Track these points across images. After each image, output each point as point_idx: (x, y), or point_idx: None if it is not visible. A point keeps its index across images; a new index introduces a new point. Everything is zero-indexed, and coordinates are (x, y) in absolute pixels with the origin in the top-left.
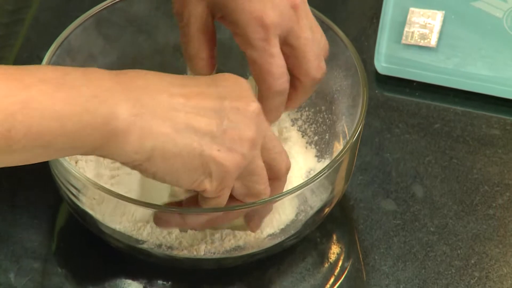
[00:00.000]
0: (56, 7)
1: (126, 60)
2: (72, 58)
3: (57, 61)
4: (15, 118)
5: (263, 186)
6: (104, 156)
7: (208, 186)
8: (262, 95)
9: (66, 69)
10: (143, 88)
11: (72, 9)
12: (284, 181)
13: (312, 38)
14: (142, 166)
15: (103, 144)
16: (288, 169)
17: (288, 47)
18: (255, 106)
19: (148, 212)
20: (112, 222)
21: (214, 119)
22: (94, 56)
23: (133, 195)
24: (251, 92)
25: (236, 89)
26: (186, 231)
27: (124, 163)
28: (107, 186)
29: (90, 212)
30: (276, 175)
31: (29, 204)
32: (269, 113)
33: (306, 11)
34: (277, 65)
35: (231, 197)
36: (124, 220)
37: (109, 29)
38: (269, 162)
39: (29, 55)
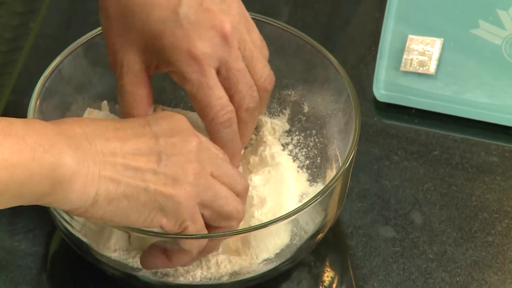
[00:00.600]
0: (55, 34)
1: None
2: (64, 86)
3: (49, 89)
4: None
5: (231, 207)
6: (50, 205)
7: (163, 222)
8: (209, 130)
9: (10, 119)
10: (81, 135)
11: (71, 36)
12: (244, 200)
13: (244, 69)
14: (88, 212)
15: (50, 192)
16: (246, 189)
17: (221, 78)
18: (193, 140)
19: (143, 238)
20: (107, 250)
21: (153, 156)
22: (85, 83)
23: None
24: (188, 126)
25: (172, 125)
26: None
27: (69, 211)
28: None
29: (85, 240)
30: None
31: (28, 232)
32: (226, 146)
33: (241, 40)
34: (217, 97)
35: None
36: (119, 248)
37: (101, 56)
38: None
39: (28, 83)
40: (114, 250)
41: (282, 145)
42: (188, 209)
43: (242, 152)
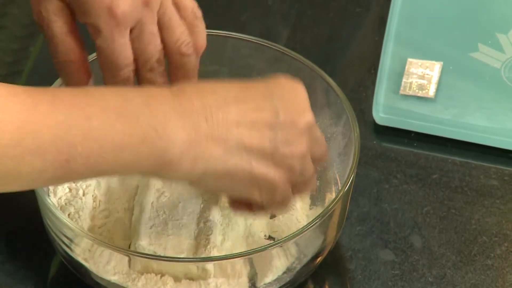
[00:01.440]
0: None
1: None
2: None
3: None
4: (75, 149)
5: (311, 182)
6: (153, 177)
7: (258, 197)
8: (106, 82)
9: (127, 95)
10: (200, 109)
11: None
12: (323, 162)
13: (156, 34)
14: (193, 183)
15: (156, 171)
16: (327, 154)
17: (132, 36)
18: (308, 117)
19: (142, 261)
20: (106, 273)
21: (267, 133)
22: None
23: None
24: (306, 100)
25: (291, 98)
26: (180, 281)
27: (174, 180)
28: (99, 237)
29: (84, 263)
30: (318, 159)
31: (27, 255)
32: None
33: (161, 4)
34: (124, 56)
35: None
36: (119, 271)
37: (99, 80)
38: (313, 156)
39: None
40: (114, 273)
41: None
42: (283, 192)
43: None
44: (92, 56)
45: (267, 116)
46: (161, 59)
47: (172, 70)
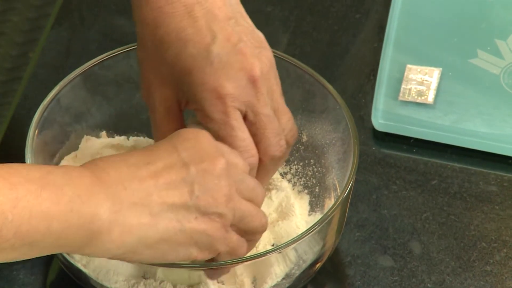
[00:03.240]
0: (54, 64)
1: (117, 117)
2: (62, 115)
3: (48, 118)
4: (6, 217)
5: (256, 222)
6: (87, 255)
7: (198, 254)
8: None
9: (48, 168)
10: (116, 179)
11: (70, 66)
12: (260, 206)
13: (273, 116)
14: (127, 258)
15: (87, 243)
16: (263, 199)
17: (248, 122)
18: (221, 162)
19: (142, 268)
20: (106, 281)
21: (185, 188)
22: (84, 113)
23: None
24: (213, 145)
25: (198, 148)
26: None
27: (108, 258)
28: None
29: (84, 270)
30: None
31: (26, 261)
32: None
33: (269, 88)
34: (240, 138)
35: None
36: (119, 279)
37: (99, 85)
38: (247, 200)
39: (27, 113)
40: (115, 281)
41: (281, 174)
42: (220, 239)
43: None
44: (91, 63)
45: (179, 173)
46: (283, 145)
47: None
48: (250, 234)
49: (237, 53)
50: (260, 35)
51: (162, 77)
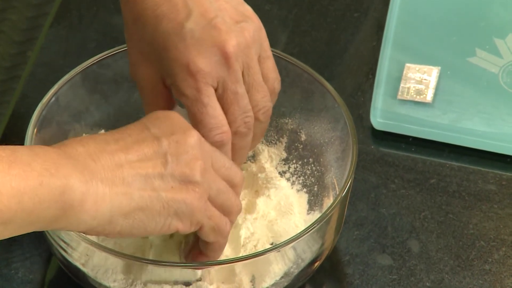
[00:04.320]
0: (52, 63)
1: (116, 116)
2: (61, 114)
3: (46, 117)
4: None
5: (233, 199)
6: (64, 229)
7: (179, 226)
8: None
9: (13, 147)
10: (85, 154)
11: (68, 64)
12: (239, 191)
13: (242, 93)
14: (105, 230)
15: (61, 216)
16: (242, 180)
17: (218, 97)
18: (193, 134)
19: (141, 266)
20: (105, 279)
21: (158, 159)
22: (82, 111)
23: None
24: (184, 122)
25: (168, 124)
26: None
27: (86, 232)
28: (98, 241)
29: (82, 268)
30: (232, 186)
31: (25, 259)
32: None
33: (245, 63)
34: (210, 115)
35: None
36: (117, 277)
37: (98, 84)
38: (224, 178)
39: (26, 111)
40: (114, 280)
41: (279, 173)
42: (201, 209)
43: None
44: (89, 61)
45: (150, 146)
46: (249, 121)
47: None
48: (226, 214)
49: (211, 29)
50: (247, 8)
51: (143, 54)
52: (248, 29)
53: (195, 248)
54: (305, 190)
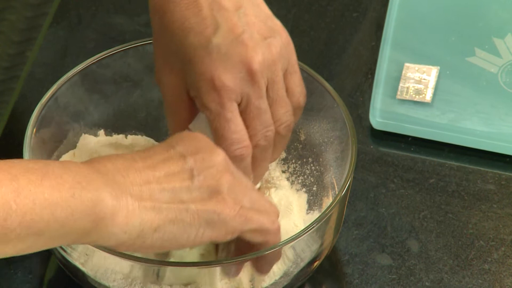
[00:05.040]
0: (51, 63)
1: (115, 115)
2: (60, 114)
3: (46, 117)
4: (10, 207)
5: (268, 204)
6: (95, 243)
7: (213, 234)
8: None
9: (45, 161)
10: (114, 170)
11: (67, 64)
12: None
13: (265, 109)
14: (136, 244)
15: (92, 229)
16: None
17: (241, 111)
18: (219, 153)
19: (141, 267)
20: (104, 279)
21: (185, 174)
22: (82, 111)
23: None
24: (210, 142)
25: (194, 143)
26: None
27: (116, 247)
28: None
29: (82, 268)
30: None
31: (24, 259)
32: None
33: (270, 79)
34: (232, 131)
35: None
36: (117, 277)
37: (97, 84)
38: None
39: (25, 111)
40: (113, 280)
41: (279, 172)
42: (234, 216)
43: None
44: (88, 61)
45: (176, 164)
46: (270, 136)
47: None
48: (261, 234)
49: (238, 45)
50: (276, 22)
51: (169, 64)
52: (275, 45)
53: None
54: (304, 189)
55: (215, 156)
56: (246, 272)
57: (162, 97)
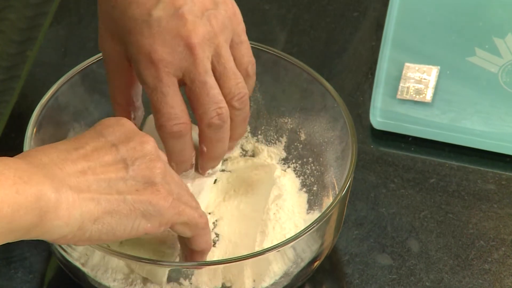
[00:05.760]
0: (52, 62)
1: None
2: (60, 114)
3: (46, 117)
4: None
5: (194, 202)
6: (38, 237)
7: (148, 226)
8: (160, 137)
9: None
10: (49, 163)
11: (68, 64)
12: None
13: (211, 83)
14: (76, 237)
15: (38, 223)
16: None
17: (186, 88)
18: (149, 141)
19: (142, 266)
20: (105, 279)
21: (119, 165)
22: (82, 111)
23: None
24: (136, 129)
25: (122, 131)
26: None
27: (57, 240)
28: None
29: (82, 268)
30: None
31: (24, 259)
32: (172, 155)
33: (214, 52)
34: (169, 105)
35: None
36: (117, 277)
37: (98, 83)
38: None
39: (25, 111)
40: (113, 280)
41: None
42: (168, 208)
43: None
44: (89, 61)
45: (109, 153)
46: (222, 113)
47: None
48: (191, 228)
49: (177, 18)
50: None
51: (111, 32)
52: (216, 17)
53: (186, 250)
54: (304, 189)
55: (145, 144)
56: (246, 272)
57: (104, 63)
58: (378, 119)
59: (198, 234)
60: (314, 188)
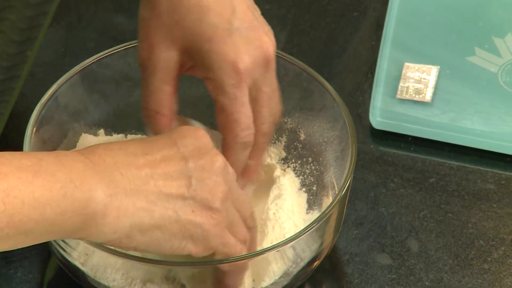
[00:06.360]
0: (51, 62)
1: (115, 115)
2: (60, 114)
3: (46, 117)
4: None
5: (243, 232)
6: (82, 239)
7: (193, 249)
8: (227, 146)
9: (39, 155)
10: (112, 165)
11: (67, 64)
12: (254, 227)
13: (272, 95)
14: (122, 243)
15: (82, 227)
16: (253, 216)
17: (250, 98)
18: (219, 160)
19: (141, 267)
20: (104, 279)
21: (183, 181)
22: (82, 111)
23: None
24: (212, 145)
25: (197, 145)
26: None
27: (103, 243)
28: None
29: (82, 268)
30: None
31: (24, 259)
32: (234, 166)
33: (273, 68)
34: (245, 115)
35: None
36: (117, 277)
37: (97, 83)
38: (237, 210)
39: (25, 111)
40: (113, 279)
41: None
42: (216, 236)
43: None
44: (88, 61)
45: (177, 165)
46: (271, 125)
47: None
48: (240, 236)
49: (254, 30)
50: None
51: (172, 39)
52: (271, 34)
53: (214, 278)
54: (304, 189)
55: (216, 163)
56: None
57: (146, 75)
58: (377, 118)
59: (232, 270)
60: (314, 188)
